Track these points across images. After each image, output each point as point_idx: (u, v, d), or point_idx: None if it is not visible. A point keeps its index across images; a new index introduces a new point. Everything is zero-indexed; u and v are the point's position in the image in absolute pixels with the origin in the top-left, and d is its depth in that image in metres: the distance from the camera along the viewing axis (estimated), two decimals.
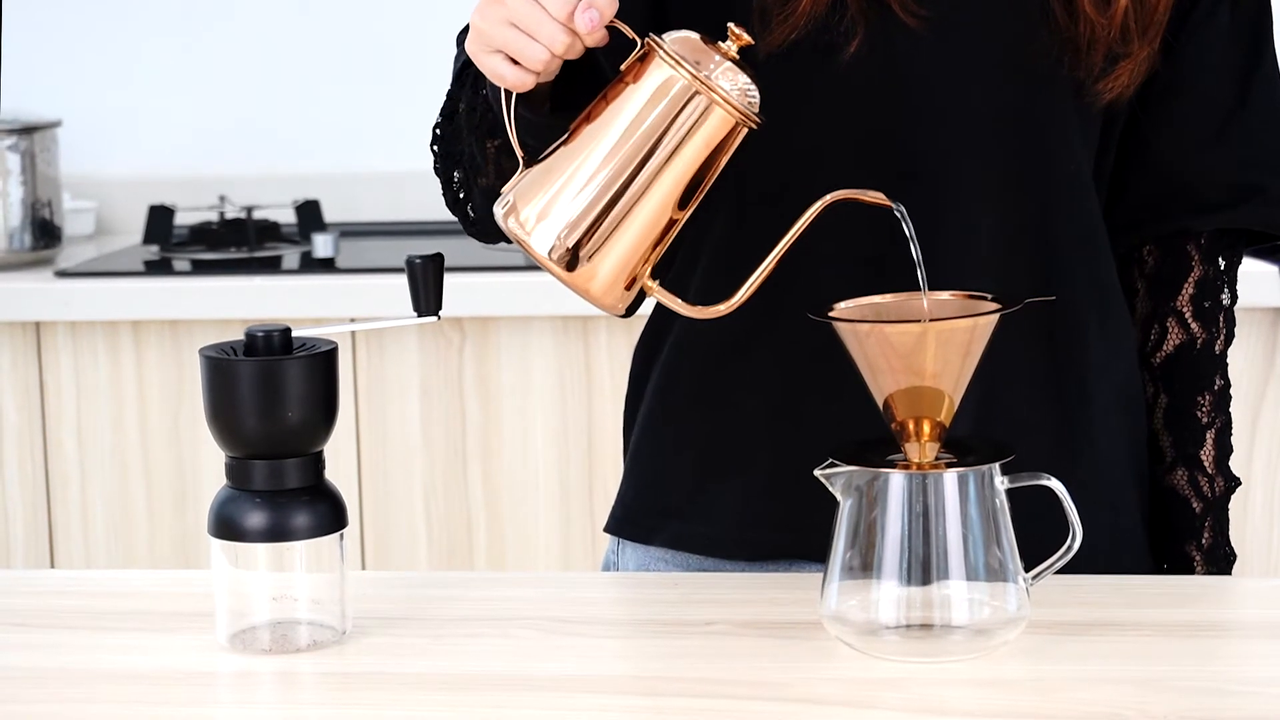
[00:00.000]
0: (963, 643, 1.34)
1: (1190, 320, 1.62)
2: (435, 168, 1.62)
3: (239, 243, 3.25)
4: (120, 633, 1.46)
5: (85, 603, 1.53)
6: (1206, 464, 1.62)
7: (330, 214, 3.44)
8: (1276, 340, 2.84)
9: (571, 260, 1.40)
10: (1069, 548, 1.36)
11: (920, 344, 1.34)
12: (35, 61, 3.54)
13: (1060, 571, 1.38)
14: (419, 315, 1.46)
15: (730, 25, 1.39)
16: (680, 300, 1.43)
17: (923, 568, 1.33)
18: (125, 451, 3.03)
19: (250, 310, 2.95)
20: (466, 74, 1.57)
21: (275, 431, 1.38)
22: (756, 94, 1.39)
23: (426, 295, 1.45)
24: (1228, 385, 1.64)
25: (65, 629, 1.47)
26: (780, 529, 1.57)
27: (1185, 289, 1.63)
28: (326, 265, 3.12)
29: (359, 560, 3.00)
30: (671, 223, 1.41)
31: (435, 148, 1.61)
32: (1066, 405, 1.58)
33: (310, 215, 3.33)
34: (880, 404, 1.37)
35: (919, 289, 1.40)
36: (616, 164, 1.39)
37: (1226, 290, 1.64)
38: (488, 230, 1.61)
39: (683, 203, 1.40)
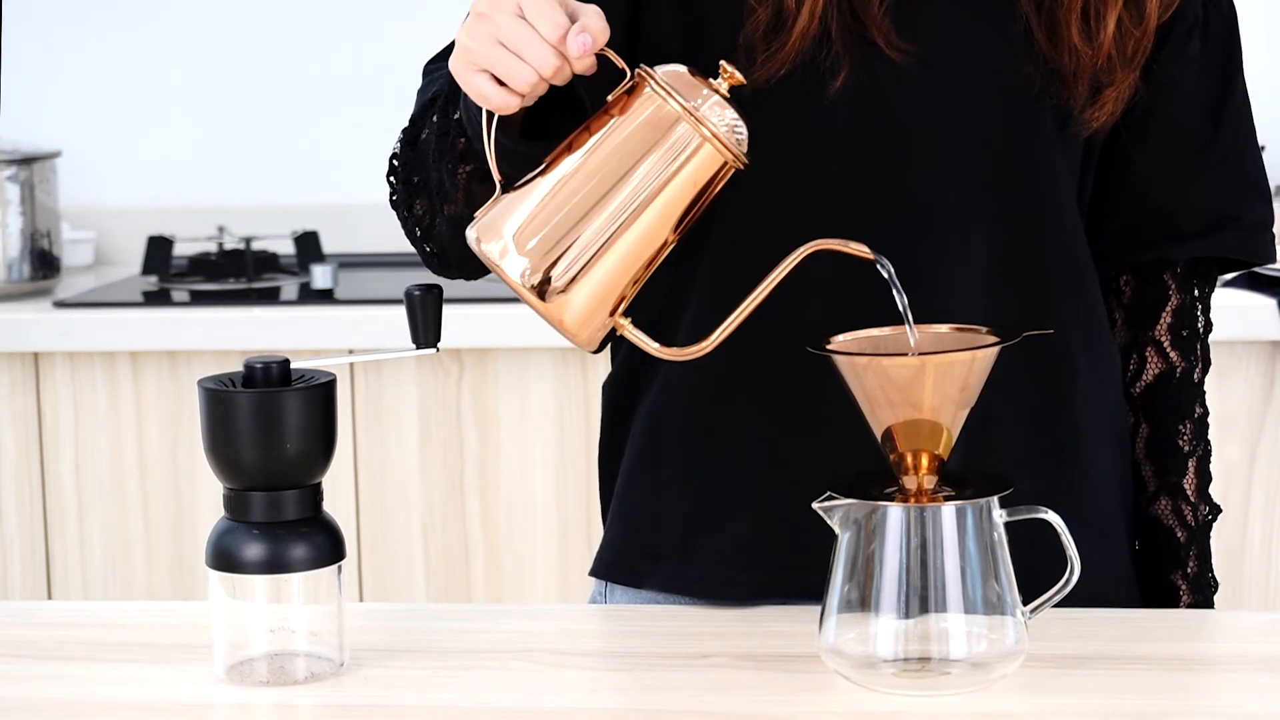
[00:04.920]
0: (961, 676, 1.34)
1: (1169, 349, 1.63)
2: (392, 199, 1.59)
3: (238, 274, 3.26)
4: (118, 664, 1.46)
5: (83, 634, 1.53)
6: (1189, 492, 1.63)
7: (329, 245, 3.44)
8: (1275, 373, 2.84)
9: (546, 289, 1.37)
10: (1067, 581, 1.36)
11: (918, 377, 1.34)
12: (35, 92, 3.55)
13: (1056, 605, 1.38)
14: (417, 347, 1.46)
15: (722, 63, 1.37)
16: (652, 341, 1.40)
17: (921, 601, 1.33)
18: (123, 482, 3.03)
19: (249, 341, 2.95)
20: (434, 103, 1.55)
21: (273, 463, 1.38)
22: (745, 134, 1.37)
23: (425, 327, 1.45)
24: (1206, 413, 1.65)
25: (63, 660, 1.46)
26: (772, 568, 1.57)
27: (1163, 318, 1.63)
28: (325, 296, 3.12)
29: (357, 592, 3.00)
30: (650, 261, 1.38)
31: (392, 179, 1.58)
32: (1056, 436, 1.58)
33: (309, 246, 3.33)
34: (878, 437, 1.37)
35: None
36: (600, 195, 1.36)
37: (1202, 318, 1.64)
38: (449, 262, 1.59)
39: (663, 240, 1.38)
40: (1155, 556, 1.64)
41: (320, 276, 3.15)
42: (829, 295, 1.53)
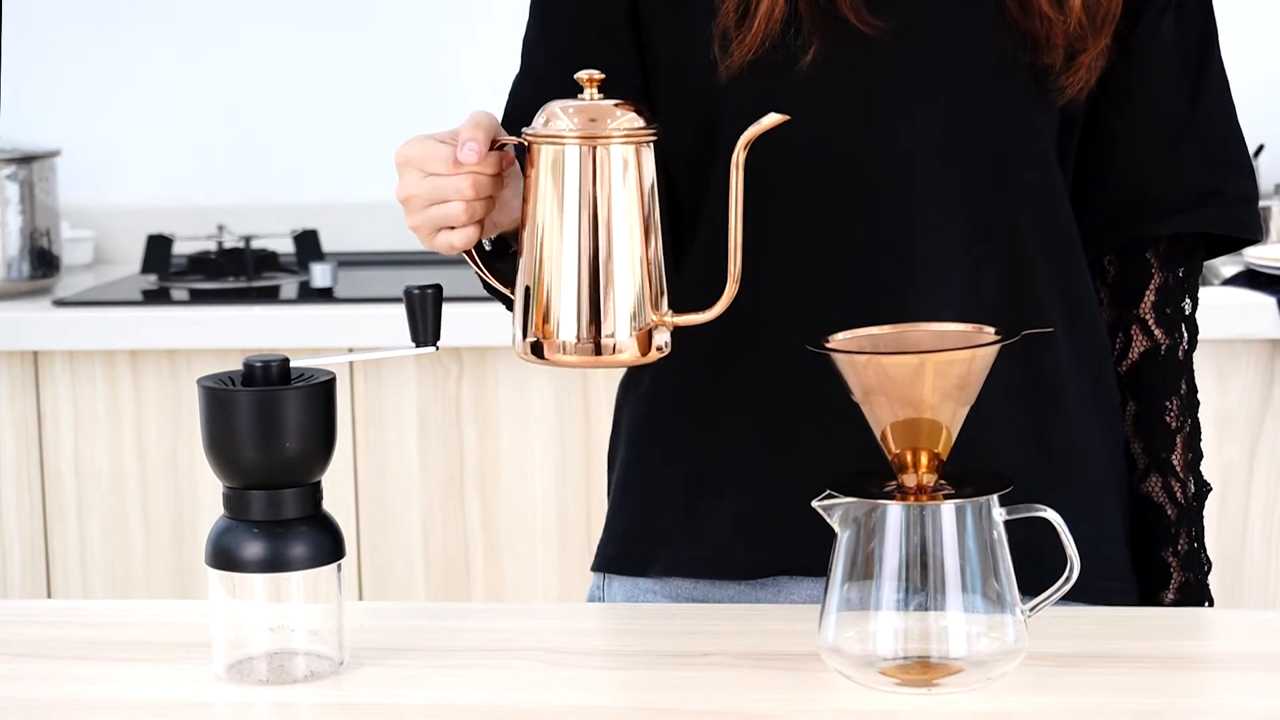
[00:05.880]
0: (960, 675, 1.34)
1: (1153, 327, 1.64)
2: None
3: (237, 272, 3.26)
4: (117, 663, 1.46)
5: (82, 633, 1.53)
6: (1178, 468, 1.64)
7: (328, 244, 3.44)
8: (1274, 372, 2.84)
9: (595, 347, 1.43)
10: (1067, 579, 1.36)
11: (918, 375, 1.34)
12: (34, 91, 3.55)
13: (1056, 603, 1.38)
14: (417, 345, 1.46)
15: (576, 76, 1.43)
16: (697, 314, 1.45)
17: (920, 599, 1.33)
18: (123, 481, 3.03)
19: (248, 340, 2.95)
20: None
21: (273, 462, 1.38)
22: (631, 113, 1.42)
23: (425, 325, 1.45)
24: (1194, 390, 1.65)
25: (62, 659, 1.46)
26: (772, 545, 1.58)
27: (1147, 296, 1.64)
28: (325, 295, 3.12)
29: (356, 591, 3.00)
30: (650, 259, 1.43)
31: None
32: (1039, 406, 1.58)
33: (308, 245, 3.33)
34: (878, 435, 1.37)
35: (906, 315, 1.43)
36: (567, 246, 1.42)
37: (1188, 297, 1.65)
38: None
39: (647, 236, 1.43)
40: (1147, 535, 1.64)
41: (320, 275, 3.16)
42: (817, 276, 1.54)
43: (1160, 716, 1.31)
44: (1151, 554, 1.64)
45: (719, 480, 1.60)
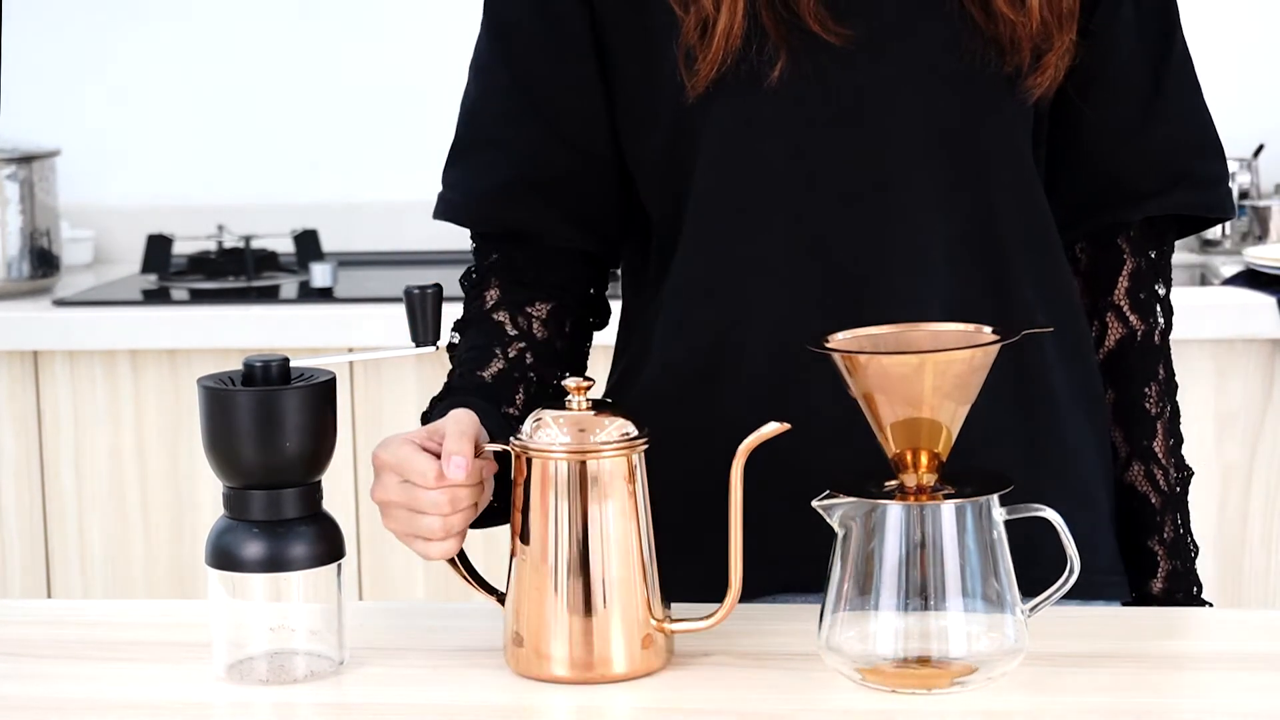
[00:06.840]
0: (961, 675, 1.34)
1: (1128, 313, 1.64)
2: None
3: (237, 272, 3.26)
4: (117, 663, 1.46)
5: (82, 633, 1.53)
6: (1160, 455, 1.63)
7: (328, 244, 3.44)
8: (1274, 372, 2.84)
9: (589, 664, 1.38)
10: (1067, 579, 1.36)
11: (917, 375, 1.34)
12: (34, 91, 3.55)
13: (1056, 603, 1.38)
14: (417, 345, 1.46)
15: (564, 382, 1.40)
16: (692, 621, 1.41)
17: (920, 599, 1.33)
18: (123, 481, 3.03)
19: (248, 340, 2.95)
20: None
21: (273, 461, 1.37)
22: (619, 418, 1.39)
23: (424, 325, 1.45)
24: (1172, 375, 1.66)
25: (62, 659, 1.46)
26: (771, 564, 1.57)
27: (1120, 283, 1.64)
28: (324, 295, 3.12)
29: (356, 590, 3.00)
30: (645, 569, 1.40)
31: None
32: (1030, 403, 1.58)
33: (308, 245, 3.33)
34: (878, 435, 1.37)
35: (889, 318, 1.42)
36: (559, 562, 1.38)
37: (1161, 281, 1.65)
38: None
39: (641, 545, 1.40)
40: (1132, 524, 1.64)
41: (320, 275, 3.16)
42: (799, 284, 1.54)
43: (1160, 716, 1.31)
44: (1138, 543, 1.64)
45: (711, 500, 1.58)
